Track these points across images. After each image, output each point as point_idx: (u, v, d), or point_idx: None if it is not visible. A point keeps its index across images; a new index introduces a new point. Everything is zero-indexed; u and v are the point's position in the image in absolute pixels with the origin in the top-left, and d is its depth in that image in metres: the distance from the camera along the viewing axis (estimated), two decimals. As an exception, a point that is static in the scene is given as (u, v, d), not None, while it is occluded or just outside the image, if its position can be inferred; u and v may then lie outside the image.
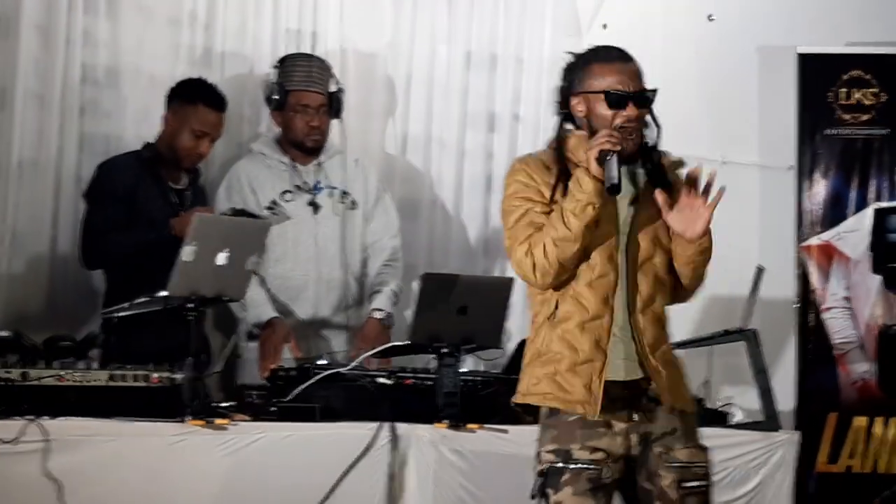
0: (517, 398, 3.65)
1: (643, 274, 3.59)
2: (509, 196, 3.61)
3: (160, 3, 5.73)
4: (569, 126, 3.66)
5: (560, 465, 3.51)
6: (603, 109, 3.56)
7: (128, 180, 5.22)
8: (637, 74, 3.60)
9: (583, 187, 3.47)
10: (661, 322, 3.62)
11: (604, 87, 3.55)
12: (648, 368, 3.55)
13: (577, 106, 3.61)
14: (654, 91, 3.59)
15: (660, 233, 3.61)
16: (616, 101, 3.54)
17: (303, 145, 5.58)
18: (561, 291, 3.57)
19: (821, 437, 6.50)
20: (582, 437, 3.52)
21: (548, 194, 3.56)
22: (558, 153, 3.60)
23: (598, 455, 3.50)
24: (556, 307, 3.56)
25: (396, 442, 4.41)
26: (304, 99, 5.52)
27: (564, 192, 3.53)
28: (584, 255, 3.52)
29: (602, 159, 3.45)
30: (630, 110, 3.54)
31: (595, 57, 3.62)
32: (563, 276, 3.54)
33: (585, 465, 3.50)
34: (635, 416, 3.55)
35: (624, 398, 3.55)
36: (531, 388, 3.60)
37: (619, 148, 3.46)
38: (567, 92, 3.63)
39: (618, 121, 3.54)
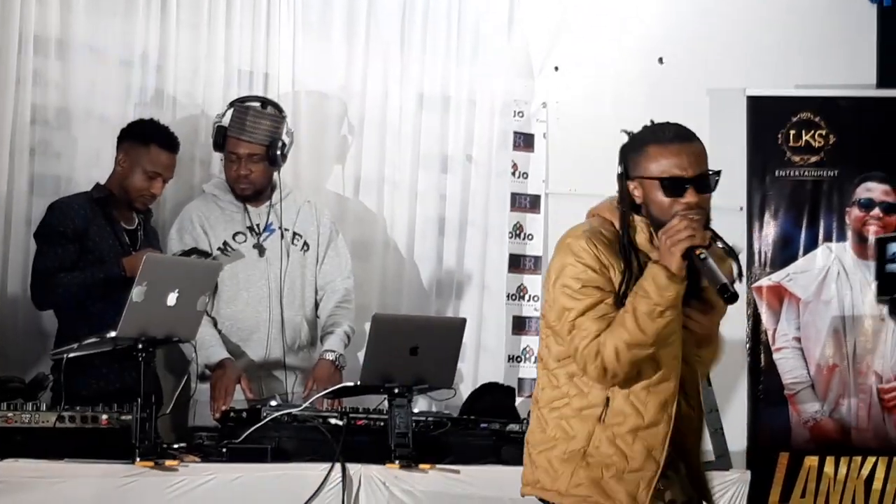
0: (549, 496, 3.41)
1: (690, 373, 3.42)
2: (574, 279, 3.30)
3: (111, 45, 5.71)
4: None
5: None
6: (660, 196, 3.27)
7: (79, 220, 5.18)
8: (698, 156, 3.27)
9: (660, 289, 3.19)
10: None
11: (659, 172, 3.26)
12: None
13: (634, 190, 3.33)
14: (718, 173, 3.29)
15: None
16: (673, 187, 3.25)
17: (233, 190, 5.58)
18: (611, 387, 3.33)
19: (773, 476, 6.53)
20: None
21: (616, 281, 3.30)
22: (624, 237, 3.33)
23: None
24: (607, 404, 3.34)
25: (348, 482, 4.38)
26: (234, 146, 5.49)
27: (631, 279, 3.28)
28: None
29: (690, 257, 3.18)
30: (690, 197, 3.24)
31: (651, 137, 3.31)
32: (633, 375, 3.30)
33: None
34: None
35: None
36: (571, 489, 3.36)
37: (707, 242, 3.19)
38: (624, 176, 3.34)
39: (676, 208, 3.24)
